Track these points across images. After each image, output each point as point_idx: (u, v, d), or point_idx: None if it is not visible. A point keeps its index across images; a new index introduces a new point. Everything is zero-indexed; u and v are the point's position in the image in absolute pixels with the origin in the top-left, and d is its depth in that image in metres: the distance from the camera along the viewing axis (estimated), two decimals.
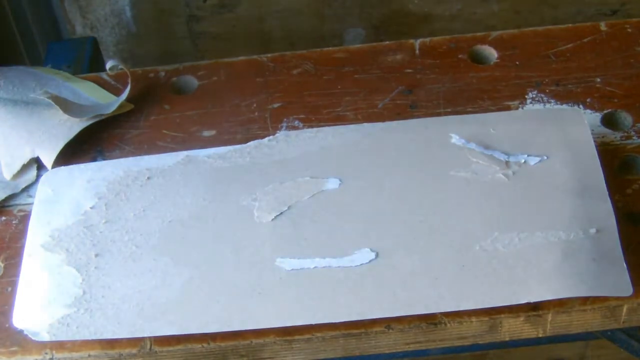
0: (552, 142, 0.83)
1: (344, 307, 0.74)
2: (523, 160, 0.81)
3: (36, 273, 0.79)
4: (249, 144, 0.86)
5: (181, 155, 0.86)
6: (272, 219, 0.80)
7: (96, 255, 0.79)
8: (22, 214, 0.87)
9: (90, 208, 0.82)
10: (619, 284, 0.73)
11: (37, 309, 0.76)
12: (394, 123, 0.87)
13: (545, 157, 0.81)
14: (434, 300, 0.73)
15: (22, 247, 0.82)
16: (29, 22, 1.33)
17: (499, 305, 0.73)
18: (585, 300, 0.75)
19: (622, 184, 0.83)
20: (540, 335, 0.77)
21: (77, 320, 0.75)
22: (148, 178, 0.84)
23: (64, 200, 0.84)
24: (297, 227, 0.79)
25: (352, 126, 0.87)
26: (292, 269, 0.76)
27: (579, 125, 0.84)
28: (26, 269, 0.79)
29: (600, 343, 1.37)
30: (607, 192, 0.78)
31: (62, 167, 0.88)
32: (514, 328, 0.76)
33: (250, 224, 0.80)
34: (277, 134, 0.87)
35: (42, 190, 0.85)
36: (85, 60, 1.17)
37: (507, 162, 0.81)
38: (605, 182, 0.79)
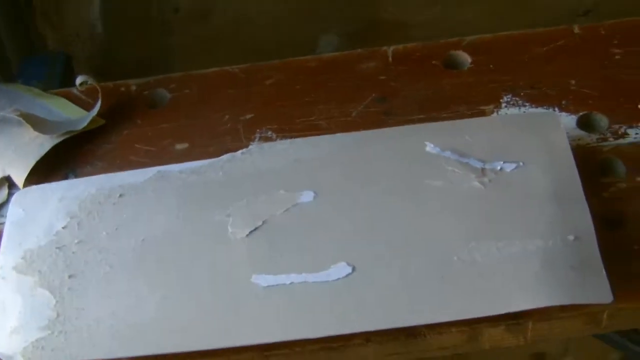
0: (528, 148, 0.82)
1: (321, 322, 0.73)
2: (499, 168, 0.81)
3: (9, 296, 0.77)
4: (221, 157, 0.85)
5: (153, 171, 0.85)
6: (247, 235, 0.78)
7: (69, 277, 0.77)
8: None
9: (62, 228, 0.81)
10: (599, 291, 0.72)
11: (11, 333, 0.75)
12: (368, 132, 0.86)
13: (522, 164, 0.81)
14: (413, 314, 0.72)
15: None
16: (0, 36, 1.32)
17: (478, 316, 0.73)
18: (565, 307, 0.74)
19: (599, 187, 0.82)
20: (521, 343, 0.77)
21: (51, 343, 0.74)
22: (120, 195, 0.83)
23: (36, 220, 0.82)
24: (272, 242, 0.78)
25: (325, 137, 0.86)
26: (268, 285, 0.75)
27: (555, 130, 0.83)
28: None
29: (582, 337, 1.37)
30: (584, 199, 0.78)
31: (34, 187, 0.86)
32: (495, 337, 0.76)
33: (224, 240, 0.78)
34: (250, 147, 0.86)
35: (14, 210, 0.84)
36: (57, 75, 1.16)
37: (483, 170, 0.80)
38: (582, 188, 0.79)
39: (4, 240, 0.81)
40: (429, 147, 0.82)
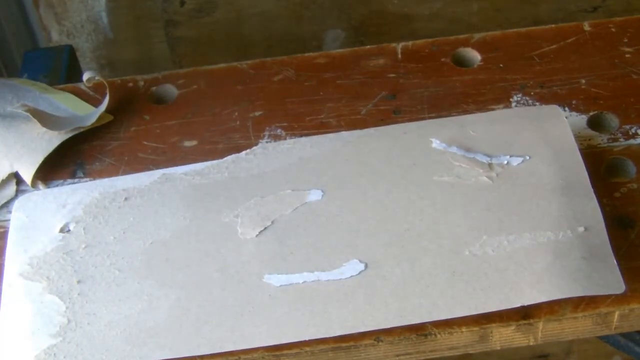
0: (533, 140, 0.82)
1: (336, 321, 0.73)
2: (506, 162, 0.81)
3: (17, 303, 0.76)
4: (226, 158, 0.85)
5: (157, 173, 0.85)
6: (257, 235, 0.78)
7: (78, 282, 0.77)
8: (2, 230, 0.85)
9: (68, 233, 0.80)
10: (611, 281, 0.72)
11: (21, 340, 0.74)
12: (372, 130, 0.86)
13: (528, 157, 0.81)
14: (427, 309, 0.72)
15: (1, 266, 0.80)
16: (4, 29, 1.31)
17: (492, 311, 0.72)
18: (576, 307, 0.74)
19: (610, 187, 0.82)
20: (531, 344, 0.77)
21: (63, 350, 0.73)
22: (125, 199, 0.82)
23: (40, 226, 0.82)
24: (283, 241, 0.77)
25: (330, 135, 0.86)
26: (281, 285, 0.75)
27: (558, 122, 0.83)
28: (6, 299, 0.77)
29: (586, 337, 1.36)
30: (591, 189, 0.78)
31: (35, 192, 0.86)
32: (505, 337, 0.76)
33: (234, 241, 0.78)
34: (254, 147, 0.85)
35: (16, 217, 0.83)
36: (62, 69, 1.15)
37: (490, 164, 0.81)
38: (590, 180, 0.79)
39: (9, 247, 0.81)
40: (435, 144, 0.82)
